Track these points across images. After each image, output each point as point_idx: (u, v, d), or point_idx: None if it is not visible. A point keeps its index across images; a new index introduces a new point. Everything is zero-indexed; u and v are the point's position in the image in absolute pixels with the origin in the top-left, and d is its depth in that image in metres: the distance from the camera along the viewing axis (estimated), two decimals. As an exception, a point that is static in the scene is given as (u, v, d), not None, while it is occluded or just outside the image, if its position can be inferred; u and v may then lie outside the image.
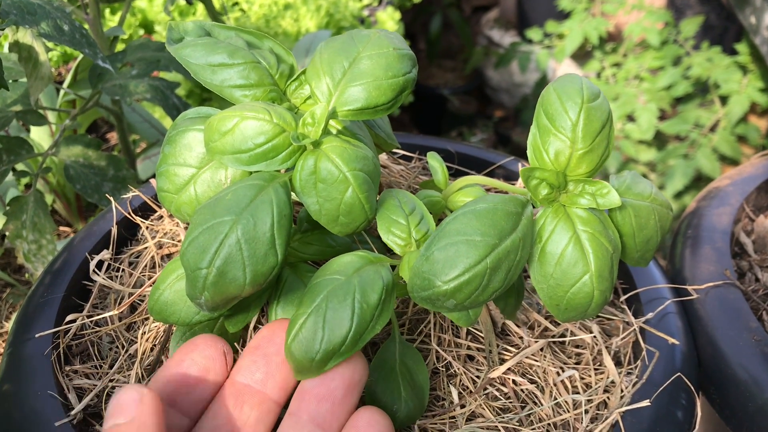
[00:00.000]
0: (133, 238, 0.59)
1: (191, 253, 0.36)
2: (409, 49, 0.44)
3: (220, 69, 0.42)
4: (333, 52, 0.42)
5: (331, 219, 0.39)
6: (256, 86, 0.42)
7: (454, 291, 0.36)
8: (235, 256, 0.36)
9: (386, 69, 0.41)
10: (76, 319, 0.50)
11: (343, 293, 0.37)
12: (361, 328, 0.37)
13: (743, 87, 1.63)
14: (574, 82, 0.41)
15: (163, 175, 0.42)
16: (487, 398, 0.47)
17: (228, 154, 0.39)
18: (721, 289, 0.55)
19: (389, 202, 0.41)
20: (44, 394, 0.44)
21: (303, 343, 0.36)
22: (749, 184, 0.65)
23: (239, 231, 0.36)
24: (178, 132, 0.42)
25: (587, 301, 0.39)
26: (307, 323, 0.36)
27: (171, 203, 0.42)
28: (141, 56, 0.84)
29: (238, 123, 0.38)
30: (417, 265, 0.37)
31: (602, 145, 0.40)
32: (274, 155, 0.39)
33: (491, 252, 0.37)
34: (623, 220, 0.42)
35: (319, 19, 1.21)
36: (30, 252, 0.75)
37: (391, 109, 0.42)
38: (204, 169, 0.41)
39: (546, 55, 1.93)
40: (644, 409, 0.45)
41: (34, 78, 0.73)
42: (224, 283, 0.36)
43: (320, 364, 0.36)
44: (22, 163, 0.93)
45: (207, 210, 0.37)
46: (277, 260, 0.37)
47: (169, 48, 0.43)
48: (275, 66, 0.43)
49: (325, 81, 0.41)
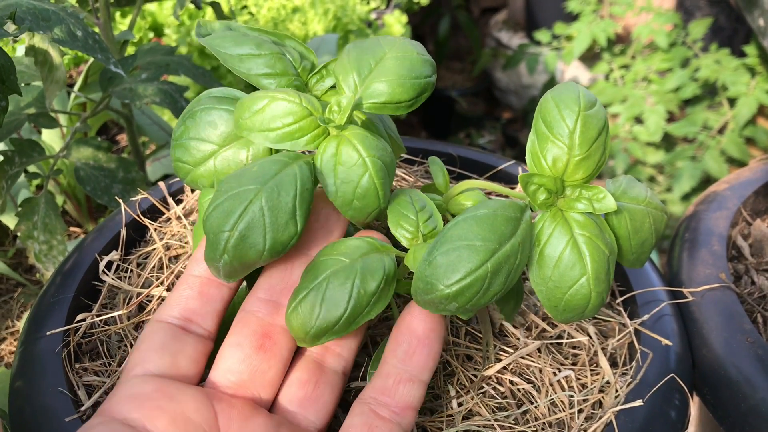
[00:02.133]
0: (141, 240, 0.61)
1: (215, 217, 0.38)
2: (429, 56, 0.46)
3: (247, 58, 0.44)
4: (361, 51, 0.45)
5: (346, 201, 0.41)
6: (280, 75, 0.44)
7: (456, 294, 0.38)
8: (258, 221, 0.38)
9: (410, 70, 0.44)
10: (86, 318, 0.52)
11: (344, 276, 0.39)
12: (355, 312, 0.39)
13: (751, 89, 1.64)
14: (571, 90, 0.42)
15: (182, 147, 0.44)
16: (483, 397, 0.48)
17: (256, 131, 0.41)
18: (717, 292, 0.56)
19: (401, 197, 0.44)
20: (55, 391, 0.46)
21: (301, 316, 0.39)
22: (747, 188, 0.66)
23: (263, 198, 0.38)
24: (204, 109, 0.44)
25: (585, 302, 0.41)
26: (307, 298, 0.39)
27: (187, 174, 0.44)
28: (150, 60, 0.85)
29: (269, 103, 0.41)
30: (420, 270, 0.38)
31: (598, 152, 0.42)
32: (300, 136, 0.41)
33: (492, 256, 0.38)
34: (619, 223, 0.43)
35: (327, 22, 1.23)
36: (41, 252, 0.76)
37: (411, 107, 0.45)
38: (226, 148, 0.43)
39: (554, 56, 1.94)
40: (638, 409, 0.46)
41: (50, 82, 0.75)
42: (244, 247, 0.38)
43: (314, 338, 0.39)
44: (34, 165, 0.95)
45: (233, 179, 0.39)
46: (297, 230, 0.39)
47: (200, 40, 0.46)
48: (298, 60, 0.46)
49: (352, 76, 0.44)
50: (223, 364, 0.40)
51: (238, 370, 0.40)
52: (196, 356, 0.40)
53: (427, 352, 0.42)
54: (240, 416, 0.38)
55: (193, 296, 0.42)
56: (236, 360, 0.40)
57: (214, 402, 0.38)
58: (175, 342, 0.40)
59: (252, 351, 0.40)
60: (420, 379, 0.41)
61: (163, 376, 0.39)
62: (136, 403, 0.37)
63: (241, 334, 0.40)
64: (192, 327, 0.41)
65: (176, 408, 0.37)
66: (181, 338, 0.40)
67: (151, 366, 0.39)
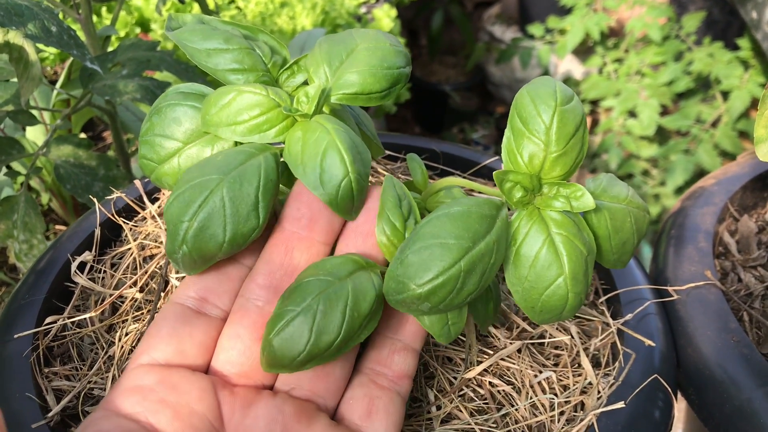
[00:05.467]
0: (117, 239, 0.59)
1: (175, 207, 0.37)
2: (404, 48, 0.45)
3: (215, 53, 0.43)
4: (332, 43, 0.44)
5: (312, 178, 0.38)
6: (249, 71, 0.43)
7: (428, 294, 0.36)
8: (218, 212, 0.37)
9: (382, 60, 0.43)
10: (56, 320, 0.50)
11: (336, 298, 0.37)
12: (348, 336, 0.37)
13: (744, 82, 1.63)
14: (547, 85, 0.41)
15: (147, 144, 0.43)
16: (463, 399, 0.47)
17: (224, 126, 0.40)
18: (702, 290, 0.55)
19: (390, 195, 0.41)
20: (22, 396, 0.45)
21: (287, 341, 0.36)
22: (734, 183, 0.65)
23: (225, 188, 0.37)
24: (169, 105, 0.42)
25: (562, 303, 0.40)
26: (295, 321, 0.36)
27: (152, 171, 0.43)
28: (132, 56, 0.84)
29: (235, 97, 0.40)
30: (392, 269, 0.37)
31: (576, 148, 0.40)
32: (268, 128, 0.40)
33: (465, 255, 0.37)
34: (599, 222, 0.42)
35: (315, 17, 1.21)
36: (21, 252, 0.75)
37: (384, 99, 0.43)
38: (190, 145, 0.42)
39: (547, 50, 1.92)
40: (620, 411, 0.45)
41: (25, 78, 0.73)
42: (204, 239, 0.37)
43: (300, 364, 0.37)
44: (18, 162, 0.93)
45: (196, 169, 0.38)
46: (258, 223, 0.38)
47: (168, 33, 0.44)
48: (269, 55, 0.44)
49: (323, 67, 0.42)
50: (224, 355, 0.39)
51: (239, 362, 0.39)
52: (206, 341, 0.39)
53: (418, 321, 0.41)
54: (242, 403, 0.38)
55: (210, 274, 0.41)
56: (236, 352, 0.39)
57: (217, 389, 0.38)
58: (184, 326, 0.39)
59: (252, 342, 0.39)
60: (413, 347, 0.42)
61: (168, 364, 0.38)
62: (139, 396, 0.36)
63: (241, 325, 0.39)
64: (206, 308, 0.40)
65: (179, 399, 0.36)
66: (192, 322, 0.39)
67: (157, 354, 0.38)
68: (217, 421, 0.37)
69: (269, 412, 0.37)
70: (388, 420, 0.40)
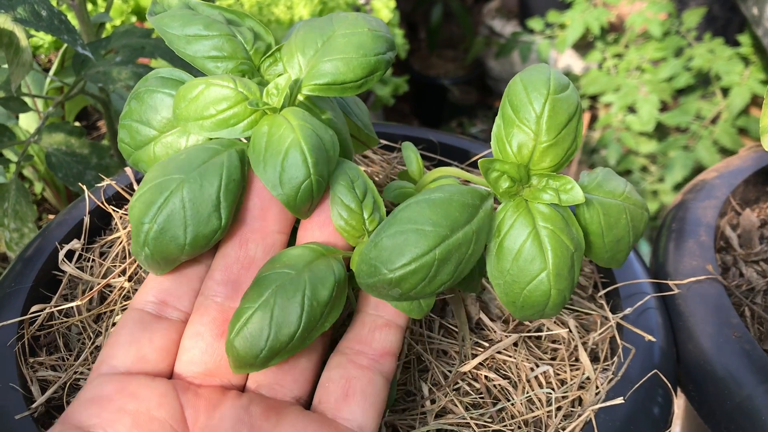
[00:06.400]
0: (107, 228, 0.58)
1: (137, 207, 0.36)
2: (387, 32, 0.43)
3: (194, 40, 0.41)
4: (309, 30, 0.42)
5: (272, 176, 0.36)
6: (228, 59, 0.41)
7: (399, 280, 0.35)
8: (178, 214, 0.35)
9: (358, 47, 0.40)
10: (43, 309, 0.49)
11: (293, 289, 0.35)
12: (309, 326, 0.36)
13: (745, 79, 1.61)
14: (541, 72, 0.39)
15: (125, 128, 0.42)
16: (458, 393, 0.46)
17: (192, 121, 0.38)
18: (703, 285, 0.54)
19: (341, 179, 0.39)
20: (5, 387, 0.44)
21: (248, 339, 0.35)
22: (736, 176, 0.64)
23: (185, 190, 0.36)
24: (147, 90, 0.41)
25: (544, 299, 0.38)
26: (253, 318, 0.35)
27: (129, 156, 0.42)
28: (126, 43, 0.83)
29: (203, 90, 0.38)
30: (365, 251, 0.36)
31: (568, 139, 0.39)
32: (236, 122, 0.38)
33: (441, 243, 0.35)
34: (591, 218, 0.40)
35: (313, 6, 1.20)
36: (12, 240, 0.74)
37: (361, 88, 0.41)
38: (166, 134, 0.41)
39: (547, 45, 1.91)
40: (619, 407, 0.44)
41: (15, 64, 0.72)
42: (164, 241, 0.36)
43: (264, 361, 0.35)
44: (10, 150, 0.92)
45: (159, 168, 0.37)
46: (221, 224, 0.36)
47: (149, 18, 0.43)
48: (251, 41, 0.43)
49: (297, 57, 0.41)
50: (186, 356, 0.38)
51: (202, 360, 0.38)
52: (167, 345, 0.38)
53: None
54: (207, 405, 0.36)
55: (168, 276, 0.39)
56: (198, 351, 0.38)
57: (180, 393, 0.36)
58: (143, 332, 0.38)
59: (213, 339, 0.38)
60: (396, 323, 0.41)
61: (128, 372, 0.37)
62: (97, 408, 0.35)
63: (201, 323, 0.38)
64: (167, 311, 0.39)
65: (139, 407, 0.35)
66: (151, 327, 0.38)
67: (116, 362, 0.37)
68: (179, 425, 0.35)
69: (235, 412, 0.36)
70: (366, 401, 0.38)
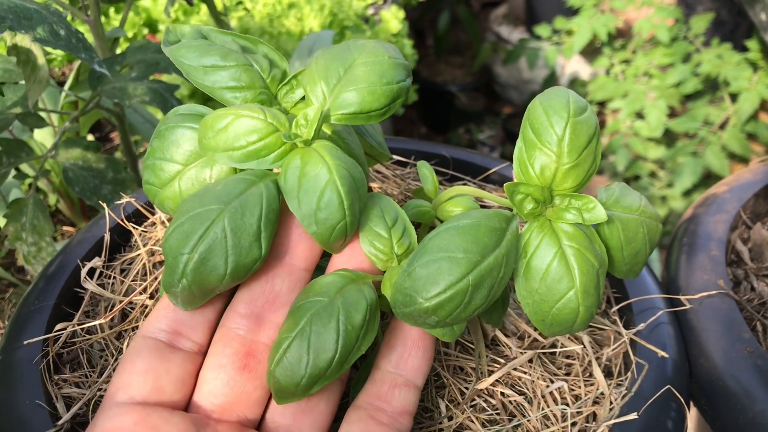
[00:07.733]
0: (126, 244, 0.59)
1: (174, 239, 0.36)
2: (404, 59, 0.44)
3: (212, 70, 0.42)
4: (329, 58, 0.42)
5: (308, 213, 0.37)
6: (246, 89, 0.42)
7: (435, 308, 0.36)
8: (220, 243, 0.36)
9: (381, 76, 0.41)
10: (66, 327, 0.50)
11: (327, 315, 0.36)
12: (346, 350, 0.36)
13: (753, 84, 1.62)
14: (560, 96, 0.40)
15: (149, 168, 0.42)
16: (474, 410, 0.47)
17: (221, 151, 0.39)
18: (715, 299, 0.55)
19: (372, 211, 0.41)
20: (32, 403, 0.45)
21: (288, 368, 0.36)
22: (747, 190, 0.64)
23: (226, 219, 0.36)
24: (168, 127, 0.42)
25: (572, 316, 0.39)
26: (291, 348, 0.36)
27: (155, 196, 0.43)
28: (141, 58, 0.84)
29: (232, 121, 0.38)
30: (399, 281, 0.37)
31: (589, 160, 0.40)
32: (266, 154, 0.39)
33: (474, 269, 0.36)
34: (611, 233, 0.42)
35: (323, 18, 1.21)
36: (30, 254, 0.75)
37: (384, 116, 0.42)
38: (189, 167, 0.41)
39: (554, 51, 1.92)
40: (633, 422, 0.45)
41: (33, 81, 0.73)
42: (204, 271, 0.36)
43: (305, 388, 0.36)
44: (27, 164, 0.93)
45: (195, 199, 0.37)
46: (261, 254, 0.37)
47: (165, 49, 0.44)
48: (267, 70, 0.43)
49: (320, 85, 0.41)
50: (206, 387, 0.38)
51: (222, 393, 0.38)
52: (183, 377, 0.38)
53: (421, 354, 0.41)
54: None
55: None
56: (219, 383, 0.38)
57: (199, 429, 0.36)
58: (160, 362, 0.38)
59: (235, 372, 0.38)
60: (414, 384, 0.41)
61: (146, 402, 0.37)
62: None
63: (223, 355, 0.38)
64: (180, 342, 0.39)
65: None
66: (167, 357, 0.38)
67: (133, 391, 0.37)
68: None
69: None
70: None
